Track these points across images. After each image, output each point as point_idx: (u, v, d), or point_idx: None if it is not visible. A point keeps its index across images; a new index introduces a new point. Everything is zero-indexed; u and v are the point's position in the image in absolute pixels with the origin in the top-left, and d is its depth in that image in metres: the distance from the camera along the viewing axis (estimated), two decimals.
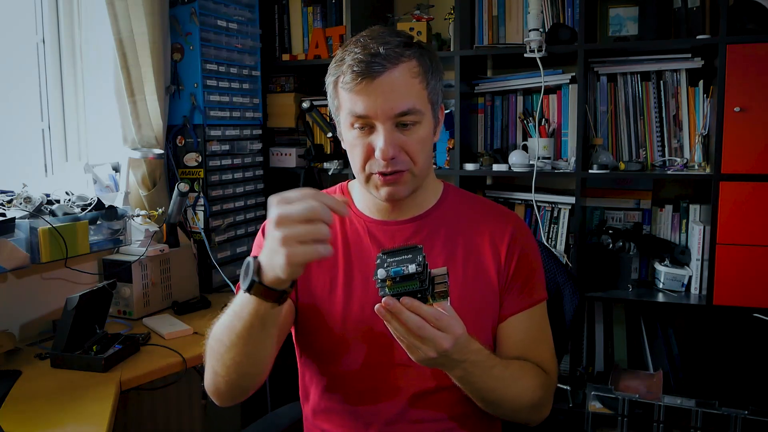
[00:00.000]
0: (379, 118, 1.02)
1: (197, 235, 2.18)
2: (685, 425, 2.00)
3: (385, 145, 1.02)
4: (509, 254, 1.13)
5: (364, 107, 1.02)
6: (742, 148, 1.97)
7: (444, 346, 0.87)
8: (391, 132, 1.03)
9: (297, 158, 2.53)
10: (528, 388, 1.06)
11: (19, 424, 1.24)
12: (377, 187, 1.08)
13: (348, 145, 1.09)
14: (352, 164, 1.10)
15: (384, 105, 1.01)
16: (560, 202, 2.31)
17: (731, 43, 1.96)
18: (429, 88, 1.06)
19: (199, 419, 2.23)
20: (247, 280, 0.88)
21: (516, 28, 2.39)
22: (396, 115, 1.02)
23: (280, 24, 2.59)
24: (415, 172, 1.07)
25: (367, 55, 1.01)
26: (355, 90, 1.02)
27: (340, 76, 1.04)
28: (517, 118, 2.41)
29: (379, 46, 1.01)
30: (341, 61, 1.05)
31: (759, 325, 2.00)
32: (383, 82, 1.01)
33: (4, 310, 1.72)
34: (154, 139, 2.07)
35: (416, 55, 1.05)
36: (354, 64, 1.01)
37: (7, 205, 1.64)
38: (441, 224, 1.16)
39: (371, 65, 1.00)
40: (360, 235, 1.16)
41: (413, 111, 1.03)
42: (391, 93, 1.01)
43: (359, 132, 1.05)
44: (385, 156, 1.02)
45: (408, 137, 1.04)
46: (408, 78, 1.03)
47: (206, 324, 1.82)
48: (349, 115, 1.05)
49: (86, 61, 2.11)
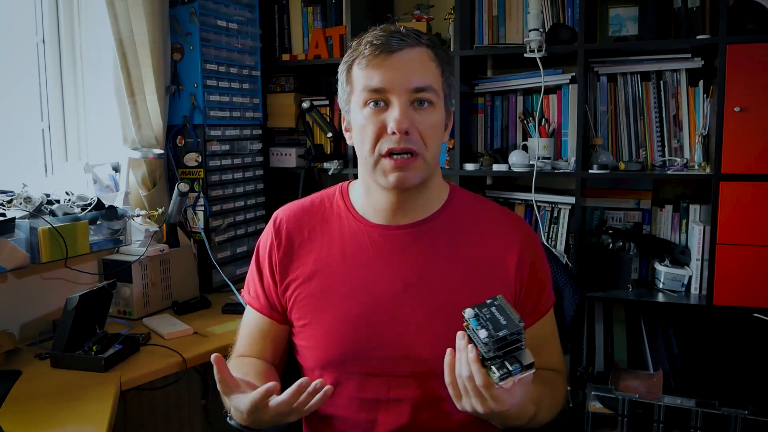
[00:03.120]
0: (395, 91, 1.01)
1: (197, 235, 2.18)
2: (685, 425, 2.00)
3: (400, 116, 1.00)
4: (518, 273, 1.10)
5: (380, 80, 1.02)
6: (742, 148, 1.97)
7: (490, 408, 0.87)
8: (406, 106, 1.02)
9: (297, 158, 2.53)
10: (555, 409, 1.08)
11: (19, 424, 1.24)
12: (386, 173, 1.04)
13: (358, 128, 1.06)
14: (361, 148, 1.07)
15: (402, 77, 1.01)
16: (560, 202, 2.31)
17: (731, 43, 1.96)
18: (444, 77, 1.07)
19: (199, 419, 2.23)
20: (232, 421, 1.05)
21: (516, 28, 2.39)
22: (413, 89, 1.02)
23: (280, 24, 2.59)
24: (426, 158, 1.05)
25: (388, 33, 1.03)
26: (373, 63, 1.02)
27: (356, 59, 1.05)
28: (517, 118, 2.41)
29: (400, 27, 1.04)
30: (357, 45, 1.06)
31: (759, 325, 2.00)
32: (402, 56, 1.02)
33: (4, 310, 1.72)
34: (154, 139, 2.07)
35: (433, 46, 1.06)
36: (373, 39, 1.03)
37: (7, 205, 1.64)
38: (444, 231, 1.12)
39: (390, 41, 1.02)
40: (360, 240, 1.13)
41: (430, 89, 1.03)
42: (410, 67, 1.02)
43: (372, 109, 1.03)
44: (399, 126, 1.00)
45: (422, 117, 1.03)
46: (426, 59, 1.04)
47: (206, 324, 1.84)
48: (363, 92, 1.04)
49: (86, 61, 2.11)
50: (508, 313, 0.86)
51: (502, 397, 0.86)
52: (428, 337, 1.07)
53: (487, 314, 0.87)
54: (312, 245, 1.15)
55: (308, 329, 1.13)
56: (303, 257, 1.15)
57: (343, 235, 1.14)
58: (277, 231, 1.18)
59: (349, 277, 1.11)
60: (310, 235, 1.16)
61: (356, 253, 1.12)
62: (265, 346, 1.20)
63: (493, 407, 0.86)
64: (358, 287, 1.10)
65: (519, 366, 0.84)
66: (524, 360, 0.85)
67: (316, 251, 1.14)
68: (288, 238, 1.16)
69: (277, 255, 1.16)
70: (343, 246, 1.13)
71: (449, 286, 1.09)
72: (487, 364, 0.86)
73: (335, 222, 1.16)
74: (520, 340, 0.84)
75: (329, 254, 1.13)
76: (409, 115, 1.02)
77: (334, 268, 1.12)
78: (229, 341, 1.69)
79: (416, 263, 1.10)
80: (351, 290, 1.10)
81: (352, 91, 1.07)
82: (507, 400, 0.87)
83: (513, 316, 0.85)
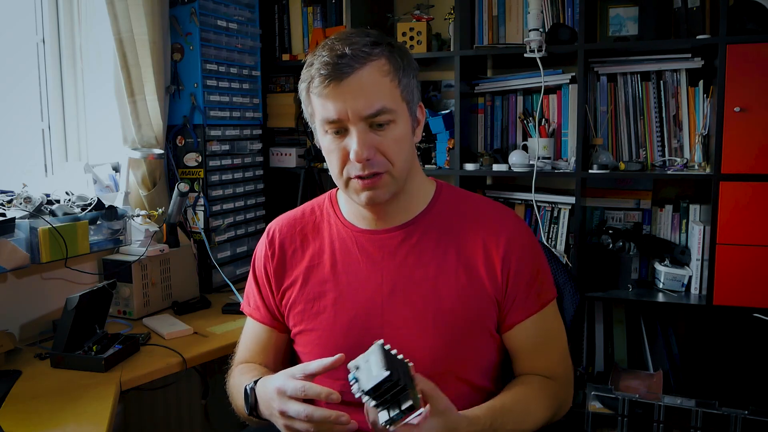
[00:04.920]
0: (350, 121, 1.00)
1: (197, 235, 2.18)
2: (685, 425, 2.00)
3: (359, 147, 1.00)
4: (505, 266, 1.09)
5: (334, 110, 1.00)
6: (742, 148, 1.97)
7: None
8: (364, 133, 1.01)
9: (297, 158, 2.53)
10: (539, 414, 1.06)
11: (19, 424, 1.24)
12: (357, 192, 1.06)
13: (325, 152, 1.08)
14: (331, 170, 1.08)
15: (354, 106, 1.00)
16: (560, 202, 2.31)
17: (731, 43, 1.96)
18: (401, 86, 1.04)
19: (199, 419, 2.23)
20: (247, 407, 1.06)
21: (516, 28, 2.39)
22: (367, 116, 1.00)
23: (280, 24, 2.59)
24: (394, 173, 1.05)
25: (334, 57, 0.99)
26: (324, 94, 1.01)
27: (311, 82, 1.03)
28: (517, 118, 2.41)
29: (345, 46, 1.00)
30: (310, 66, 1.04)
31: (759, 325, 2.00)
32: (351, 83, 0.99)
33: (4, 310, 1.72)
34: (154, 139, 2.07)
35: (385, 53, 1.03)
36: (321, 67, 1.00)
37: (7, 205, 1.64)
38: (431, 228, 1.12)
39: (338, 67, 0.99)
40: (348, 246, 1.14)
41: (385, 110, 1.01)
42: (360, 93, 1.00)
43: (334, 137, 1.04)
44: (359, 158, 1.00)
45: (383, 137, 1.02)
46: (378, 77, 1.01)
47: (206, 324, 1.84)
48: (322, 121, 1.04)
49: (86, 61, 2.11)
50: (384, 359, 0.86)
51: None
52: (419, 340, 1.07)
53: (364, 364, 0.88)
54: (304, 253, 1.17)
55: (304, 336, 1.15)
56: (296, 266, 1.17)
57: (332, 242, 1.15)
58: (270, 242, 1.21)
59: (339, 282, 1.12)
60: (302, 244, 1.18)
61: (345, 259, 1.13)
62: (267, 355, 1.22)
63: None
64: (347, 292, 1.11)
65: (398, 410, 0.85)
66: (404, 404, 0.85)
67: (308, 259, 1.17)
68: (281, 248, 1.19)
69: (272, 264, 1.19)
70: (333, 252, 1.15)
71: (438, 286, 1.09)
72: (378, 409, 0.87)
73: (325, 229, 1.18)
74: (398, 384, 0.84)
75: (320, 261, 1.15)
76: (368, 142, 1.01)
77: (325, 274, 1.14)
78: (229, 341, 1.71)
79: (405, 265, 1.10)
80: (341, 296, 1.12)
81: (313, 113, 1.07)
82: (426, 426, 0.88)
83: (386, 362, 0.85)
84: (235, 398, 1.14)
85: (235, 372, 1.20)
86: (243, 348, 1.25)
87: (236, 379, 1.17)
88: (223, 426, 2.33)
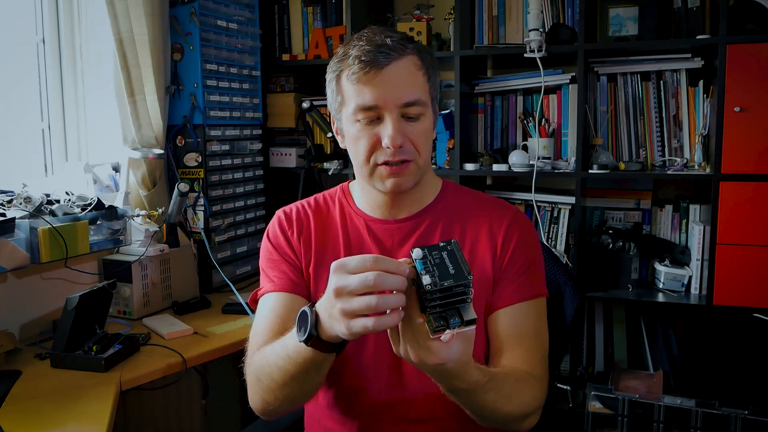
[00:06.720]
0: (387, 107, 1.04)
1: (197, 235, 2.18)
2: (685, 425, 2.00)
3: (394, 132, 1.04)
4: (506, 241, 1.13)
5: (372, 97, 1.03)
6: (742, 148, 1.97)
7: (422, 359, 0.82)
8: (398, 121, 1.05)
9: (297, 158, 2.53)
10: (521, 404, 1.02)
11: (19, 424, 1.24)
12: (383, 179, 1.08)
13: (351, 139, 1.09)
14: (356, 157, 1.10)
15: (393, 93, 1.03)
16: (560, 202, 2.31)
17: (731, 43, 1.96)
18: (430, 82, 1.10)
19: (199, 419, 2.23)
20: (305, 332, 0.88)
21: (516, 28, 2.39)
22: (404, 104, 1.04)
23: (280, 24, 2.59)
24: (420, 163, 1.09)
25: (374, 46, 1.03)
26: (363, 80, 1.03)
27: (344, 70, 1.06)
28: (517, 118, 2.41)
29: (386, 38, 1.05)
30: (345, 56, 1.06)
31: (759, 325, 2.00)
32: (391, 72, 1.03)
33: (4, 310, 1.72)
34: (154, 139, 2.07)
35: (417, 51, 1.08)
36: (361, 55, 1.03)
37: (7, 205, 1.64)
38: (438, 221, 1.17)
39: (379, 55, 1.03)
40: (360, 232, 1.17)
41: (419, 102, 1.06)
42: (399, 82, 1.04)
43: (365, 124, 1.06)
44: (394, 143, 1.04)
45: (413, 128, 1.07)
46: (413, 69, 1.06)
47: (206, 324, 1.84)
48: (355, 108, 1.05)
49: (86, 61, 2.11)
50: (459, 261, 0.80)
51: (436, 348, 0.80)
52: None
53: (436, 258, 0.80)
54: (317, 235, 1.18)
55: None
56: (311, 244, 1.18)
57: (345, 228, 1.18)
58: (287, 218, 1.20)
59: None
60: (315, 225, 1.19)
61: (357, 245, 1.16)
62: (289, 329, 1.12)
63: (424, 357, 0.81)
64: None
65: (459, 320, 0.78)
66: (466, 315, 0.78)
67: (320, 241, 1.17)
68: (298, 222, 1.20)
69: (293, 234, 1.18)
70: (346, 237, 1.17)
71: None
72: (427, 311, 0.79)
73: (338, 216, 1.20)
74: (466, 293, 0.78)
75: (334, 245, 1.17)
76: (401, 130, 1.05)
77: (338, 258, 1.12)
78: (229, 341, 1.71)
79: None
80: None
81: (343, 102, 1.09)
82: (441, 353, 0.80)
83: (464, 266, 0.79)
84: (271, 364, 1.01)
85: (257, 354, 1.07)
86: (261, 332, 1.12)
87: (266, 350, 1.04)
88: (223, 426, 2.33)
